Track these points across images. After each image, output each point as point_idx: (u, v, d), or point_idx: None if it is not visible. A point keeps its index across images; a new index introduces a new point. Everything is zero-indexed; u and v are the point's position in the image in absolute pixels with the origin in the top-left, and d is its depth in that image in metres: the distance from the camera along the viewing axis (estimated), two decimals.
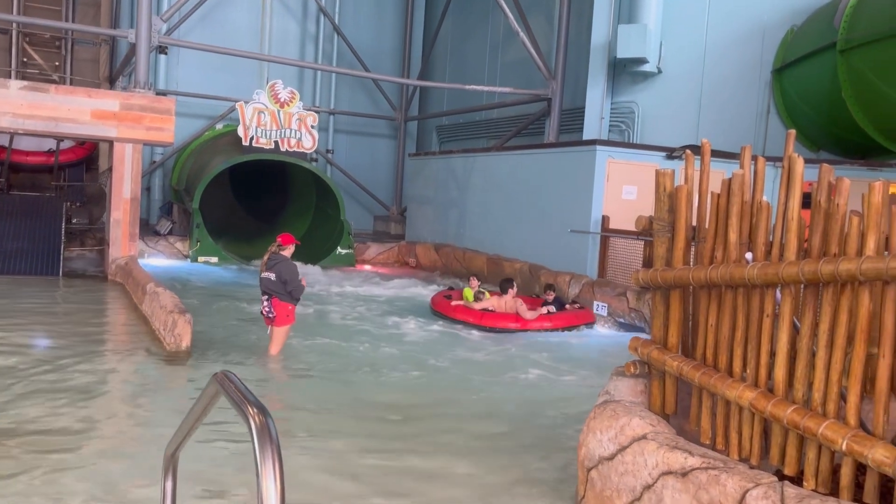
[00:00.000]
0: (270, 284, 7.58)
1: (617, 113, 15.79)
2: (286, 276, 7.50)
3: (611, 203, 12.64)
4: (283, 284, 7.53)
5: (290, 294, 7.59)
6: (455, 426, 6.07)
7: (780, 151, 14.44)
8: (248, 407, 1.69)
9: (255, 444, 1.59)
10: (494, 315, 10.57)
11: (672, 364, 4.01)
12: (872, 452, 3.01)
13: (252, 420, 1.65)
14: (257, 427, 1.62)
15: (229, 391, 1.86)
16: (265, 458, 1.56)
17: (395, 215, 23.22)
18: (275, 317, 7.66)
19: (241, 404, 1.72)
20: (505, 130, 19.41)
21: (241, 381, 1.92)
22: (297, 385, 7.22)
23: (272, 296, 7.60)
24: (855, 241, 3.20)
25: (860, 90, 12.89)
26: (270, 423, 1.64)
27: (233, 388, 1.85)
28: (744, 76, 14.98)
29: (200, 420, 2.41)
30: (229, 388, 1.87)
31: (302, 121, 17.67)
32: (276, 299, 7.60)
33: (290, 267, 7.57)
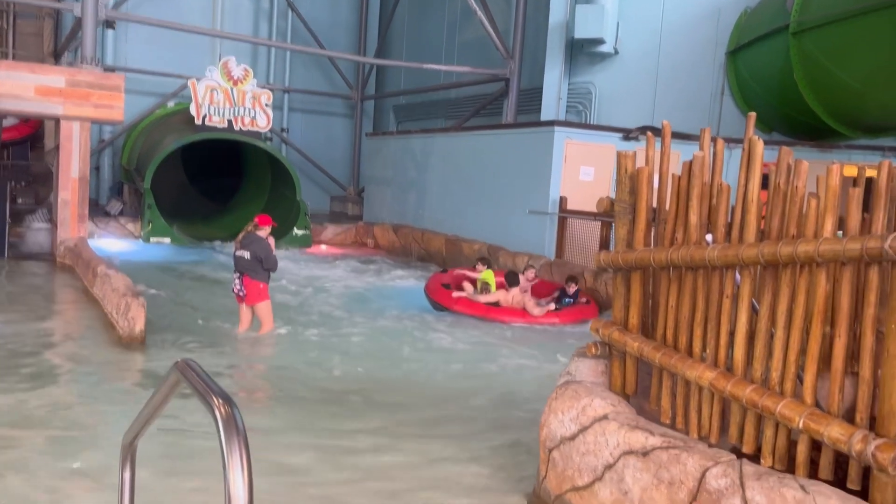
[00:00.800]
0: (244, 263, 7.74)
1: (574, 94, 15.84)
2: (261, 254, 7.68)
3: (568, 184, 12.70)
4: (257, 262, 7.69)
5: (266, 270, 7.77)
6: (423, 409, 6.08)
7: (734, 132, 14.67)
8: (212, 397, 1.63)
9: (222, 436, 1.54)
10: (501, 310, 10.10)
11: (633, 345, 4.04)
12: (828, 430, 3.07)
13: (217, 410, 1.59)
14: (223, 418, 1.57)
15: (192, 380, 1.80)
16: (232, 449, 1.51)
17: (352, 196, 23.03)
18: (245, 295, 7.81)
19: (206, 394, 1.66)
20: (463, 110, 19.33)
21: (204, 369, 1.85)
22: (257, 372, 7.12)
23: (244, 274, 7.76)
24: (813, 224, 3.24)
25: (811, 73, 13.13)
26: (237, 414, 1.59)
27: (195, 377, 1.79)
28: (699, 58, 15.14)
29: (160, 409, 2.34)
30: (191, 378, 1.81)
31: (256, 99, 17.34)
32: (248, 277, 7.76)
33: (264, 245, 7.75)
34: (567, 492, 4.19)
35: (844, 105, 13.09)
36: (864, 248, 2.96)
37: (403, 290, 11.92)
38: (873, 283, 3.03)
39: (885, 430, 2.95)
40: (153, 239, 15.81)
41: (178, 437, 4.96)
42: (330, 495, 4.40)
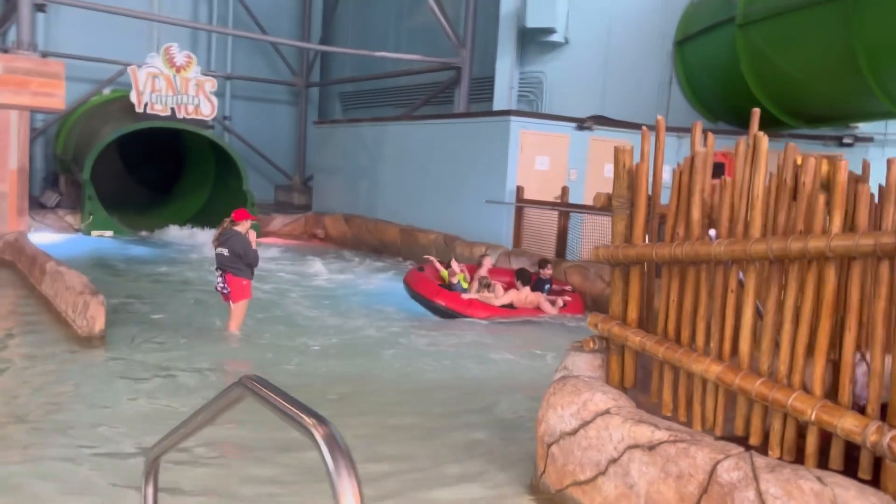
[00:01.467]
0: (224, 260, 7.56)
1: (525, 83, 15.88)
2: (240, 250, 7.49)
3: (525, 173, 12.74)
4: (238, 258, 7.51)
5: (248, 266, 7.59)
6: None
7: (682, 122, 14.95)
8: (305, 416, 1.54)
9: (327, 460, 1.44)
10: (518, 311, 9.62)
11: (634, 339, 4.06)
12: (842, 422, 3.14)
13: (315, 431, 1.50)
14: (324, 438, 1.48)
15: (268, 398, 1.69)
16: (340, 472, 1.42)
17: (298, 185, 22.65)
18: (230, 292, 7.64)
19: (296, 414, 1.57)
20: (412, 98, 19.18)
21: (277, 385, 1.75)
22: (232, 372, 6.92)
23: (226, 271, 7.58)
24: (821, 219, 3.30)
25: (757, 64, 13.46)
26: (337, 433, 1.50)
27: (272, 394, 1.69)
28: (647, 48, 15.36)
29: (199, 428, 2.23)
30: (267, 395, 1.70)
31: (200, 86, 16.84)
32: (230, 275, 7.57)
33: (242, 240, 7.56)
34: (568, 486, 4.19)
35: (788, 95, 13.47)
36: (877, 244, 3.03)
37: (369, 284, 11.76)
38: (884, 278, 3.10)
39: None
40: (95, 232, 15.25)
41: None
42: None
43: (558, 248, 11.71)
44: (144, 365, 6.62)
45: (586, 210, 11.49)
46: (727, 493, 3.39)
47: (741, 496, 3.32)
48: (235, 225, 7.67)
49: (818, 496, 3.03)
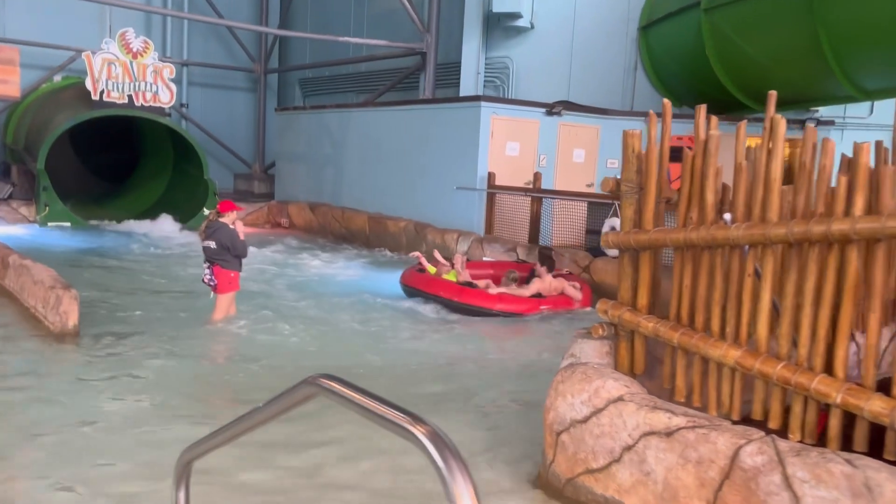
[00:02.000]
0: (212, 253, 7.51)
1: (491, 68, 15.79)
2: (227, 242, 7.41)
3: (495, 159, 12.67)
4: (225, 251, 7.45)
5: (236, 258, 7.53)
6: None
7: (648, 106, 15.03)
8: (402, 417, 1.43)
9: (440, 464, 1.33)
10: (548, 300, 8.97)
11: (647, 325, 4.02)
12: (869, 405, 3.14)
13: (420, 434, 1.39)
14: (430, 439, 1.37)
15: (353, 399, 1.57)
16: (454, 475, 1.31)
17: (258, 173, 22.23)
18: (217, 284, 7.59)
19: (390, 415, 1.46)
20: (375, 85, 18.93)
21: (353, 383, 1.63)
22: (214, 366, 6.74)
23: (213, 263, 7.54)
24: (843, 202, 3.29)
25: (722, 48, 13.58)
26: (442, 432, 1.39)
27: (358, 394, 1.57)
28: (612, 33, 15.39)
29: (249, 431, 2.10)
30: (350, 396, 1.58)
31: (158, 73, 16.36)
32: (218, 267, 7.52)
33: (229, 232, 7.48)
34: (580, 475, 4.15)
35: (752, 79, 13.62)
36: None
37: (345, 273, 11.55)
38: None
39: None
40: (51, 223, 14.74)
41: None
42: (331, 495, 4.20)
43: (531, 234, 11.69)
44: (124, 361, 6.39)
45: (560, 195, 11.49)
46: (751, 478, 3.38)
47: (766, 481, 3.31)
48: (222, 216, 7.59)
49: (849, 479, 3.02)
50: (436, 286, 9.21)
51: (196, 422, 4.91)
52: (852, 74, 12.16)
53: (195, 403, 5.56)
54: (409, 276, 9.68)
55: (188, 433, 4.66)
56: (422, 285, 9.37)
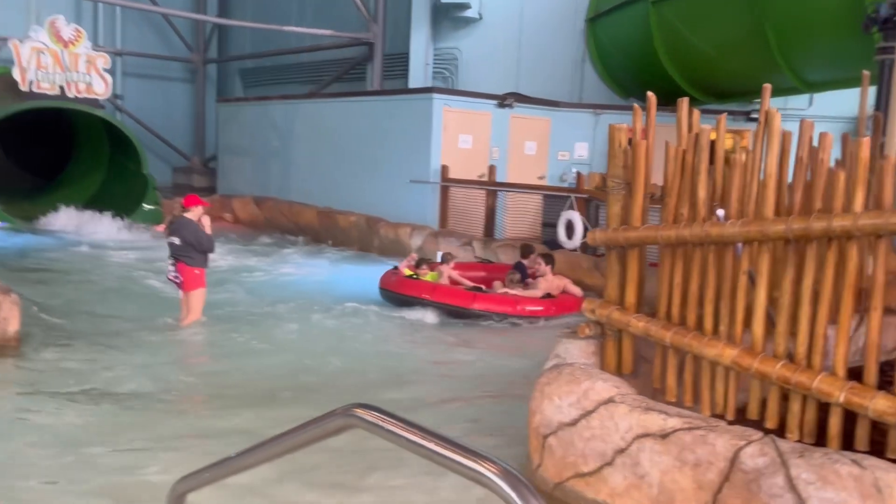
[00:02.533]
0: (176, 249, 7.31)
1: (440, 59, 15.60)
2: (191, 238, 7.21)
3: (448, 152, 12.51)
4: (190, 247, 7.25)
5: (202, 254, 7.32)
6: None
7: (596, 98, 15.13)
8: (472, 457, 1.26)
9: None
10: (557, 302, 8.29)
11: (637, 324, 3.92)
12: (874, 404, 3.10)
13: (494, 474, 1.23)
14: (504, 479, 1.22)
15: (402, 433, 1.39)
16: None
17: (198, 167, 21.55)
18: (182, 281, 7.39)
19: (457, 454, 1.28)
20: (320, 76, 18.52)
21: (398, 415, 1.45)
22: (168, 372, 6.39)
23: (178, 260, 7.33)
24: (842, 197, 3.24)
25: (669, 40, 13.69)
26: (515, 470, 1.24)
27: (404, 428, 1.39)
28: (560, 24, 15.36)
29: (251, 467, 1.89)
30: (399, 429, 1.40)
31: (91, 63, 15.62)
32: (182, 264, 7.30)
33: (194, 228, 7.29)
34: (569, 479, 4.03)
35: (699, 71, 13.79)
36: None
37: (300, 271, 11.21)
38: None
39: None
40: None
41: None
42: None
43: (486, 228, 11.58)
44: (68, 372, 6.00)
45: (516, 188, 11.41)
46: (752, 480, 3.31)
47: (769, 483, 3.24)
48: (186, 212, 7.40)
49: (858, 480, 2.97)
50: (442, 293, 8.31)
51: (142, 446, 4.57)
52: (796, 66, 12.40)
53: (140, 420, 5.10)
54: (399, 283, 8.64)
55: (131, 458, 4.36)
56: (424, 293, 8.36)
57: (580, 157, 14.12)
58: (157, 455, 4.43)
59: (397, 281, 8.69)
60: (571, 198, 10.29)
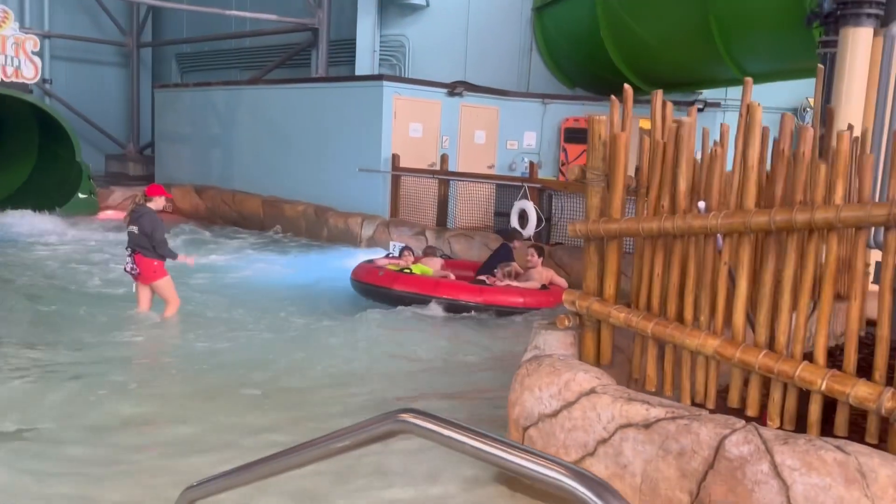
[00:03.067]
0: (134, 238, 7.11)
1: (387, 46, 15.43)
2: (149, 229, 7.02)
3: (399, 141, 12.39)
4: (146, 238, 7.05)
5: (155, 250, 7.08)
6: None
7: (543, 88, 15.21)
8: (561, 470, 1.22)
9: None
10: (555, 293, 7.97)
11: (618, 316, 3.94)
12: (855, 390, 3.18)
13: (577, 484, 1.19)
14: (594, 491, 1.18)
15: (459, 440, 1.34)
16: None
17: (132, 154, 20.86)
18: (139, 273, 7.21)
19: (542, 466, 1.24)
20: (261, 61, 18.10)
21: (461, 422, 1.40)
22: (137, 365, 6.17)
23: (135, 251, 7.12)
24: (822, 190, 3.30)
25: (615, 30, 13.85)
26: (604, 482, 1.20)
27: (468, 435, 1.34)
28: (507, 13, 15.38)
29: (274, 474, 1.81)
30: (457, 435, 1.35)
31: (20, 45, 14.94)
32: (140, 255, 7.11)
33: (154, 219, 7.10)
34: None
35: (644, 62, 13.99)
36: (891, 213, 3.06)
37: (250, 264, 10.94)
38: (892, 247, 3.15)
39: None
40: None
41: None
42: None
43: (439, 217, 11.54)
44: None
45: (469, 178, 11.39)
46: (737, 468, 3.37)
47: (753, 470, 3.31)
48: (149, 201, 7.22)
49: (842, 466, 3.05)
50: (448, 289, 7.96)
51: (51, 456, 4.33)
52: (738, 58, 12.70)
53: (55, 431, 4.75)
54: (395, 279, 8.11)
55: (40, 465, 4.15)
56: (427, 289, 7.97)
57: (529, 146, 14.20)
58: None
59: (389, 277, 8.15)
60: (525, 187, 10.33)
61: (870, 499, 2.99)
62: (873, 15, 7.85)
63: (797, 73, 11.84)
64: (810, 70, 11.00)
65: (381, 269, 8.37)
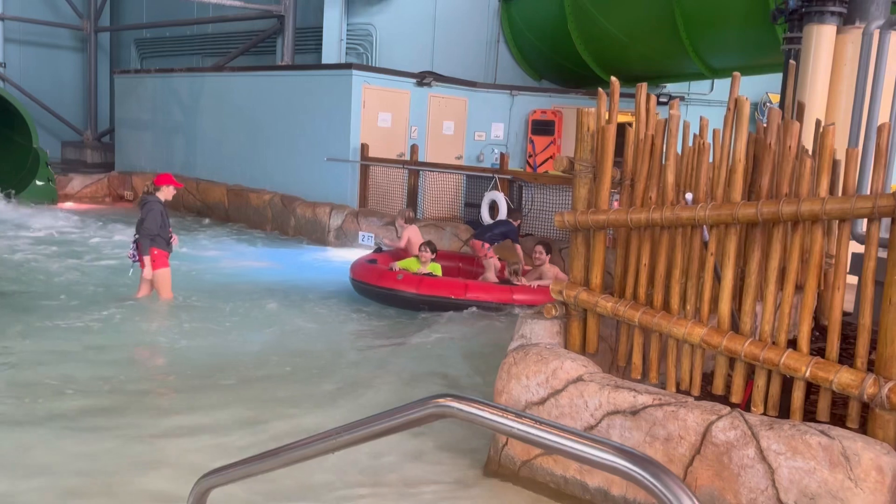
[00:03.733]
0: (137, 226, 7.31)
1: (353, 35, 15.31)
2: (142, 217, 7.19)
3: (368, 130, 12.33)
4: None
5: (139, 236, 7.22)
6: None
7: (510, 79, 15.27)
8: (630, 458, 1.25)
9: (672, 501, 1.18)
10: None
11: (605, 305, 4.01)
12: (838, 377, 3.29)
13: (641, 471, 1.22)
14: (658, 479, 1.21)
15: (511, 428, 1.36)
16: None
17: (90, 141, 20.36)
18: (138, 260, 7.32)
19: (604, 451, 1.27)
20: (224, 48, 17.81)
21: (516, 410, 1.42)
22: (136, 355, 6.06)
23: (136, 239, 7.31)
24: (808, 182, 3.40)
25: (583, 24, 13.97)
26: (667, 471, 1.23)
27: (525, 422, 1.36)
28: (474, 4, 15.39)
29: (305, 459, 1.82)
30: (504, 419, 1.37)
31: None
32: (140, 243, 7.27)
33: (150, 209, 7.19)
34: (537, 457, 4.10)
35: (610, 55, 14.14)
36: (875, 205, 3.17)
37: (223, 255, 10.78)
38: (875, 238, 3.26)
39: (888, 373, 3.23)
40: None
41: None
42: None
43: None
44: None
45: (438, 168, 11.39)
46: (724, 453, 3.46)
47: (740, 454, 3.41)
48: (157, 190, 7.34)
49: (827, 450, 3.16)
50: (479, 290, 7.56)
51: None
52: (703, 53, 12.93)
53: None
54: (416, 282, 7.59)
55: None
56: (457, 292, 7.50)
57: (496, 137, 14.26)
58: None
59: (412, 280, 7.59)
60: (495, 178, 10.38)
61: (853, 481, 3.10)
62: (837, 13, 8.07)
63: (761, 68, 12.09)
64: (774, 66, 11.29)
65: (398, 272, 7.77)
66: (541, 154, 14.07)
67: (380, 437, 1.60)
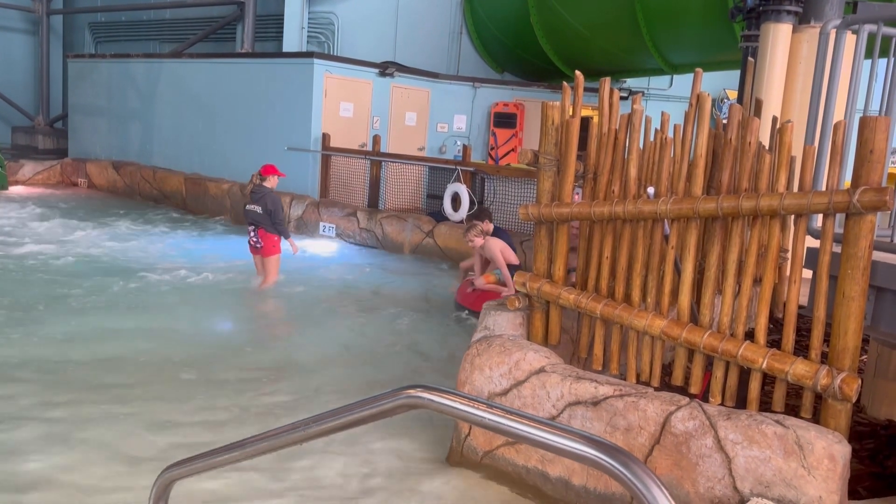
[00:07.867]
0: (257, 217, 7.74)
1: (315, 24, 15.16)
2: (272, 208, 7.67)
3: (329, 120, 12.24)
4: (268, 216, 7.69)
5: (277, 229, 7.75)
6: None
7: (472, 71, 15.28)
8: (600, 448, 1.26)
9: (640, 491, 1.20)
10: None
11: (568, 297, 4.05)
12: (794, 368, 3.38)
13: (608, 458, 1.24)
14: (624, 466, 1.23)
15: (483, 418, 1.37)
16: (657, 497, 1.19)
17: (42, 127, 19.80)
18: (262, 247, 7.82)
19: (578, 441, 1.28)
20: (182, 34, 17.47)
21: (481, 398, 1.43)
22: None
23: (258, 226, 7.76)
24: (767, 178, 3.47)
25: (546, 18, 14.04)
26: (631, 456, 1.25)
27: (497, 413, 1.37)
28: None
29: (277, 449, 1.80)
30: (480, 411, 1.38)
31: None
32: (263, 230, 7.75)
33: (275, 199, 7.75)
34: (499, 447, 4.14)
35: (573, 49, 14.25)
36: (831, 201, 3.25)
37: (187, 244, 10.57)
38: (829, 233, 3.35)
39: (840, 364, 3.33)
40: None
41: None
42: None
43: (371, 199, 11.48)
44: None
45: (401, 159, 11.36)
46: (682, 443, 3.53)
47: (698, 444, 3.48)
48: (264, 180, 7.80)
49: (782, 439, 3.24)
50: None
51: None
52: (662, 49, 13.09)
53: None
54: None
55: None
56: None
57: (459, 129, 14.27)
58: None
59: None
60: (458, 170, 10.38)
61: (806, 469, 3.19)
62: (793, 12, 8.26)
63: (719, 64, 12.30)
64: (732, 62, 11.49)
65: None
66: (503, 146, 14.12)
67: (350, 428, 1.59)
